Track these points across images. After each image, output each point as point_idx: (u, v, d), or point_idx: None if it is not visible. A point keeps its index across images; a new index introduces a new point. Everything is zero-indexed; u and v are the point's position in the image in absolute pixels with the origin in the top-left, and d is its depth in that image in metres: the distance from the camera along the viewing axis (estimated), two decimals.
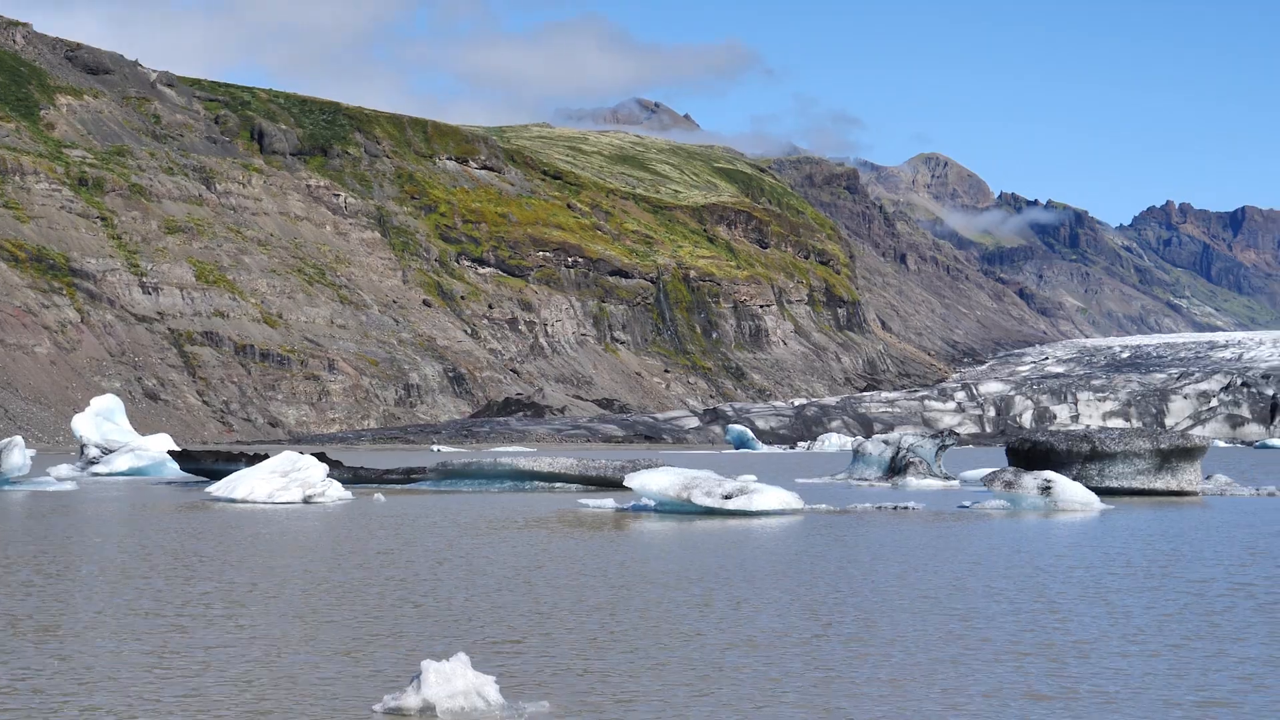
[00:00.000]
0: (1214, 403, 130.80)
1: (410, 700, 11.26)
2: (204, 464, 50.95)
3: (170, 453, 55.24)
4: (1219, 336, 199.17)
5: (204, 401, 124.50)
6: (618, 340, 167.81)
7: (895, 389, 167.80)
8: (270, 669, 13.05)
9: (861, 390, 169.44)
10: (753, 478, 38.41)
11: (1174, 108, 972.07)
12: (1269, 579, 20.30)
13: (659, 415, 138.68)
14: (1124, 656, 13.98)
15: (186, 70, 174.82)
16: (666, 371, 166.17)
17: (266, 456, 42.06)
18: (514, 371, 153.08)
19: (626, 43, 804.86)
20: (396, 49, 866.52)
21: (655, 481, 33.55)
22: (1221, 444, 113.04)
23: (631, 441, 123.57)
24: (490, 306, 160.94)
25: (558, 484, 44.05)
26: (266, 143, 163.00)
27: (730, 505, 32.19)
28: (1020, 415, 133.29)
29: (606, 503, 35.25)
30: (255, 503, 36.55)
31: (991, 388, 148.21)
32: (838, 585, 19.29)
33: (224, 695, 11.89)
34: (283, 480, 37.73)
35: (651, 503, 33.92)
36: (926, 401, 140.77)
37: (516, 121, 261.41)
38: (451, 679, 11.37)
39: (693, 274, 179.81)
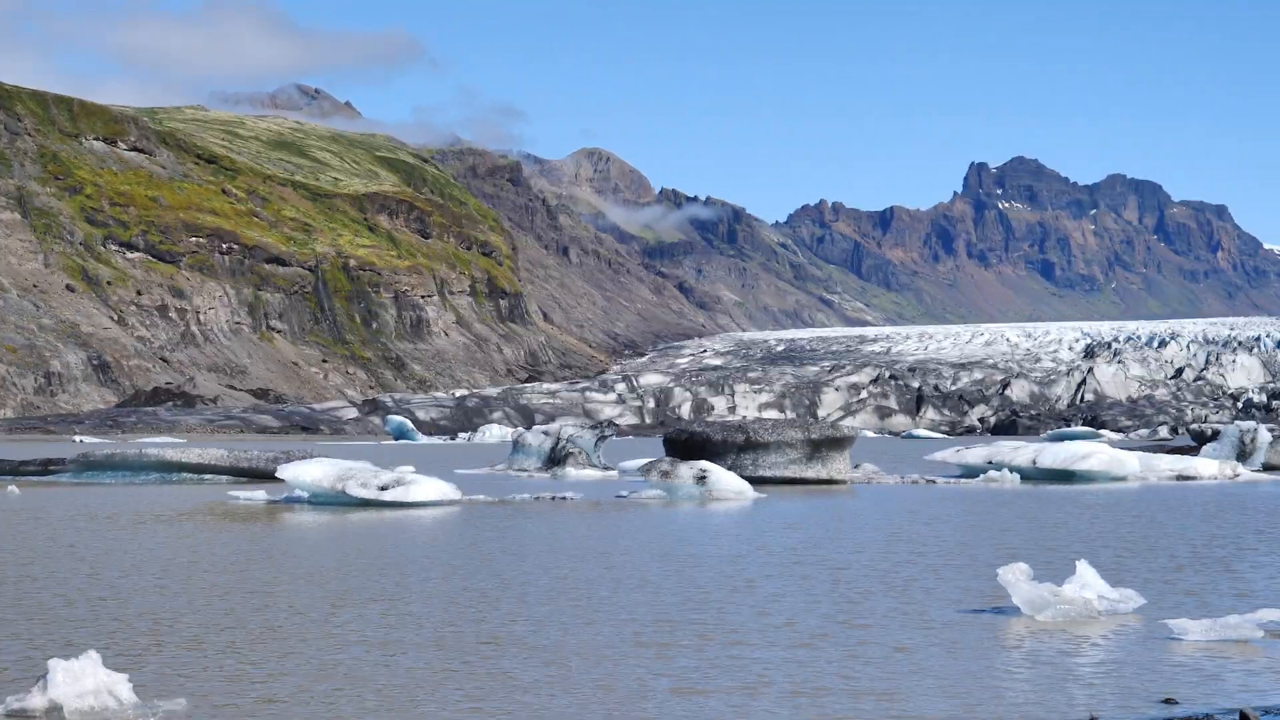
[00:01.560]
0: (864, 394, 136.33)
1: (35, 701, 10.68)
2: None
3: None
4: (869, 331, 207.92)
5: None
6: (274, 329, 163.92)
7: (557, 380, 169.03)
8: None
9: (523, 381, 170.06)
10: (411, 469, 37.84)
11: (828, 110, 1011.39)
12: (907, 563, 21.03)
13: (316, 406, 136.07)
14: (771, 647, 14.14)
15: None
16: (325, 361, 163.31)
17: None
18: (164, 360, 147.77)
19: (287, 26, 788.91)
20: (43, 24, 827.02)
21: (309, 473, 32.69)
22: (870, 434, 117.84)
23: (287, 433, 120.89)
24: (139, 293, 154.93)
25: (207, 476, 42.50)
26: None
27: (386, 497, 31.63)
28: (679, 406, 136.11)
29: (258, 495, 34.14)
30: None
31: (651, 379, 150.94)
32: (487, 577, 19.08)
33: None
34: None
35: (305, 495, 33.02)
36: (588, 393, 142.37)
37: (170, 103, 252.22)
38: (80, 678, 10.82)
39: (352, 263, 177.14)
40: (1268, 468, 49.90)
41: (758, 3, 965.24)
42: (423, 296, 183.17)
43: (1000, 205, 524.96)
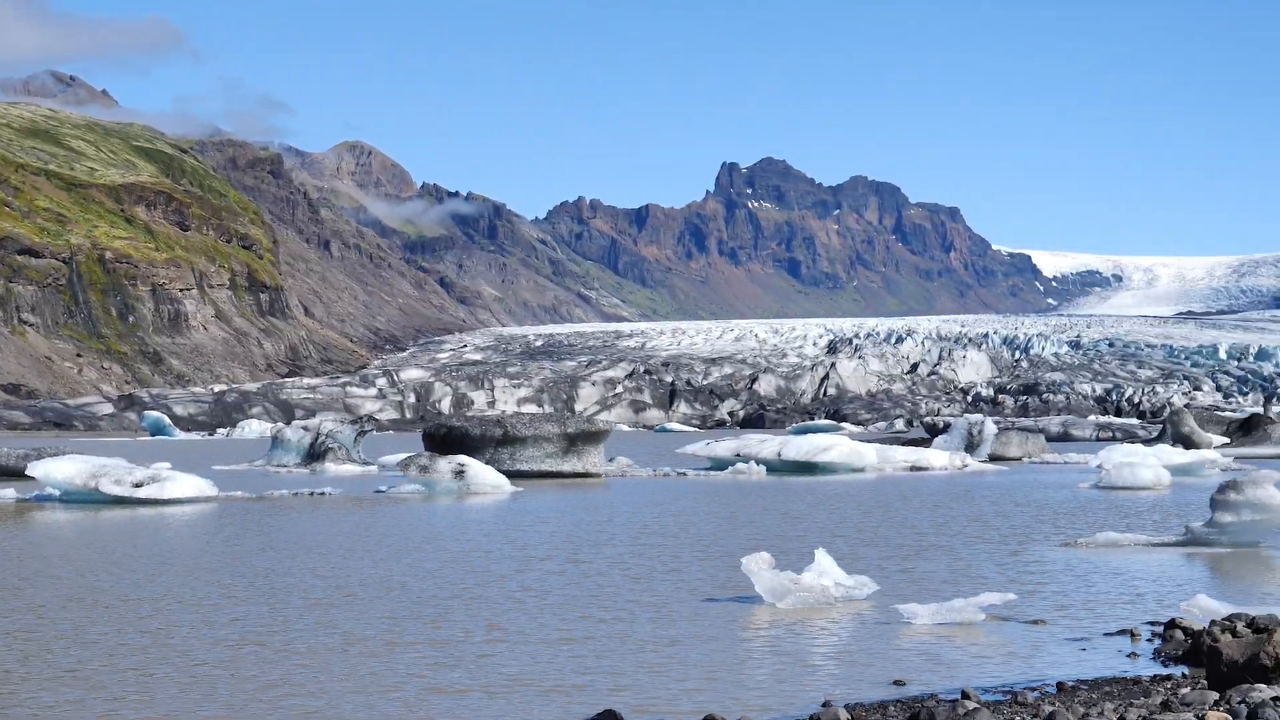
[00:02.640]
0: (619, 389, 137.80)
1: None
2: None
3: None
4: (625, 327, 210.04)
5: None
6: (26, 323, 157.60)
7: (318, 376, 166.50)
8: None
9: (284, 377, 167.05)
10: (167, 465, 37.31)
11: (586, 107, 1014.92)
12: (655, 555, 21.79)
13: (70, 401, 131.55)
14: (525, 643, 14.65)
15: None
16: (79, 356, 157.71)
17: None
18: None
19: (42, 11, 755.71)
20: None
21: (61, 470, 32.09)
22: (626, 428, 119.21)
23: (40, 429, 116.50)
24: None
25: None
26: None
27: (141, 494, 31.24)
28: (440, 401, 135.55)
29: (8, 493, 33.27)
30: None
31: (412, 374, 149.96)
32: (240, 575, 19.14)
33: None
34: None
35: (57, 493, 32.37)
36: (348, 388, 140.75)
37: None
38: None
39: (109, 255, 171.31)
40: (993, 458, 52.37)
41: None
42: (181, 290, 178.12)
43: (750, 205, 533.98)
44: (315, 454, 48.26)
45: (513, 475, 38.71)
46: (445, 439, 42.26)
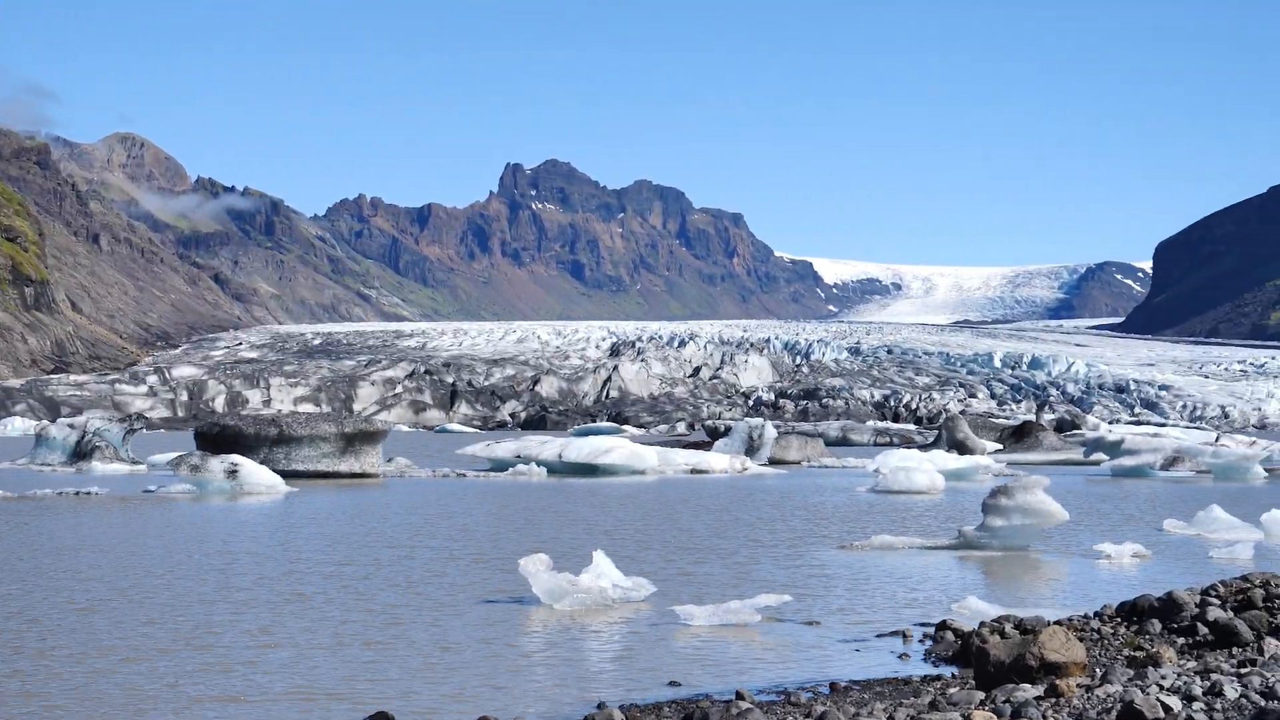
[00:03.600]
0: (399, 389, 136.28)
1: None
2: None
3: None
4: (405, 326, 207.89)
5: None
6: None
7: (86, 372, 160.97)
8: None
9: (49, 373, 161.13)
10: None
11: (367, 103, 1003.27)
12: (432, 556, 21.48)
13: None
14: (293, 646, 14.25)
15: None
16: None
17: None
18: None
19: None
20: None
21: None
22: (405, 428, 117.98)
23: None
24: None
25: None
26: None
27: None
28: (213, 399, 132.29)
29: None
30: None
31: (184, 372, 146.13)
32: None
33: None
34: None
35: None
36: (118, 385, 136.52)
37: None
38: None
39: None
40: (773, 462, 53.10)
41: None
42: None
43: (534, 206, 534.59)
44: (82, 452, 46.64)
45: (288, 475, 37.89)
46: (219, 438, 41.16)
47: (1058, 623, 13.87)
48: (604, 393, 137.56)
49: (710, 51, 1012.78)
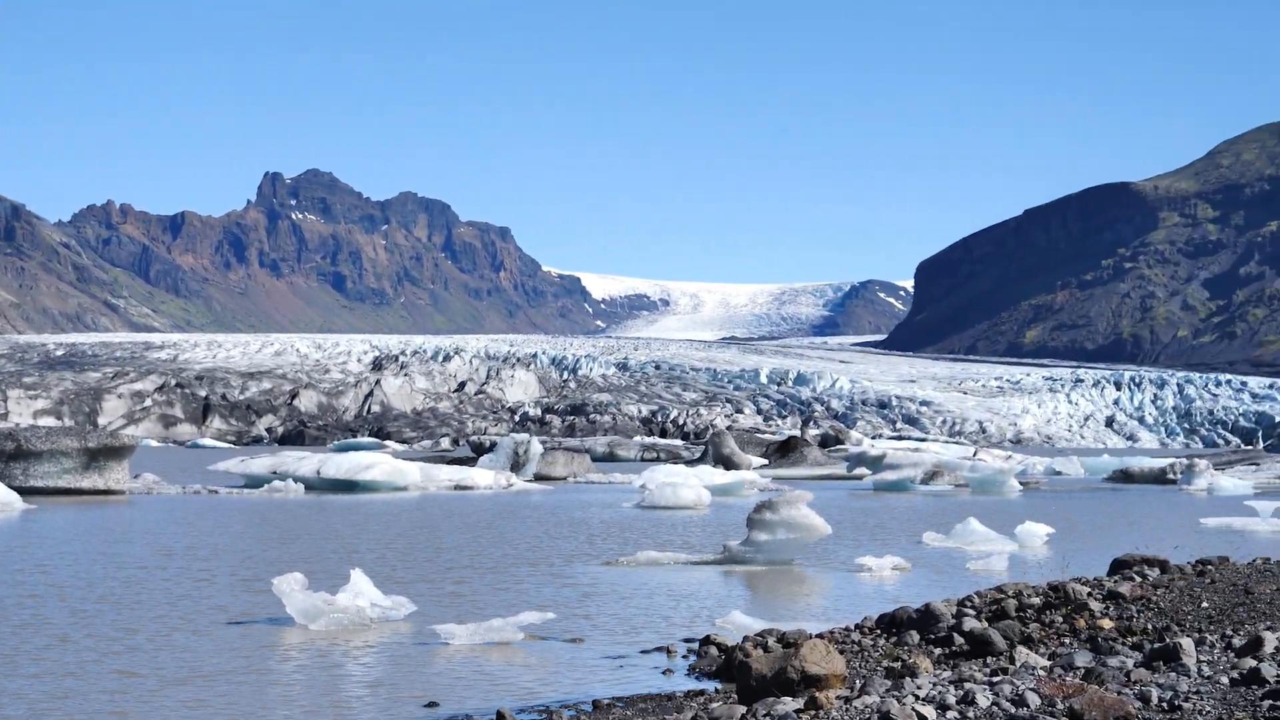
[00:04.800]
0: (148, 403, 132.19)
1: None
2: None
3: None
4: (155, 338, 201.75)
5: None
6: None
7: None
8: None
9: None
10: None
11: (116, 105, 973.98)
12: (180, 576, 20.65)
13: None
14: (32, 678, 13.48)
15: None
16: None
17: None
18: None
19: None
20: None
21: None
22: (154, 443, 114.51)
23: None
24: None
25: None
26: None
27: None
28: None
29: None
30: None
31: None
32: None
33: None
34: None
35: None
36: None
37: None
38: None
39: None
40: (539, 478, 52.92)
41: None
42: None
43: (294, 216, 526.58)
44: None
45: (26, 492, 36.24)
46: None
47: (819, 636, 13.98)
48: (365, 408, 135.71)
49: (477, 62, 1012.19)
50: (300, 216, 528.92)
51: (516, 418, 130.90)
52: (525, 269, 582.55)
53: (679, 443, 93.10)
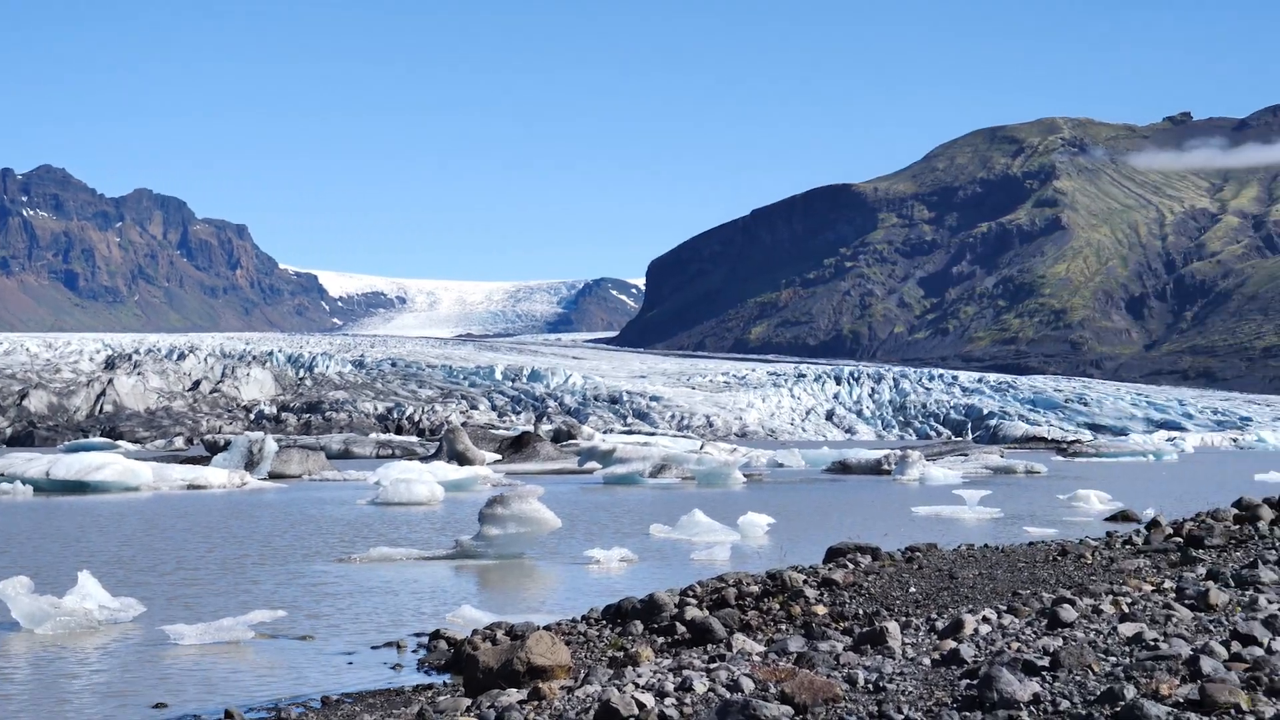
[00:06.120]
0: None
1: None
2: None
3: None
4: None
5: None
6: None
7: None
8: None
9: None
10: None
11: None
12: None
13: None
14: None
15: None
16: None
17: None
18: None
19: None
20: None
21: None
22: None
23: None
24: None
25: None
26: None
27: None
28: None
29: None
30: None
31: None
32: None
33: None
34: None
35: None
36: None
37: None
38: None
39: None
40: (274, 476, 52.17)
41: None
42: None
43: (25, 213, 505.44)
44: None
45: None
46: None
47: (547, 628, 14.28)
48: (98, 407, 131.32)
49: (212, 59, 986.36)
50: (32, 213, 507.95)
51: (252, 416, 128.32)
52: (262, 267, 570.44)
53: (414, 439, 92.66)
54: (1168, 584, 12.83)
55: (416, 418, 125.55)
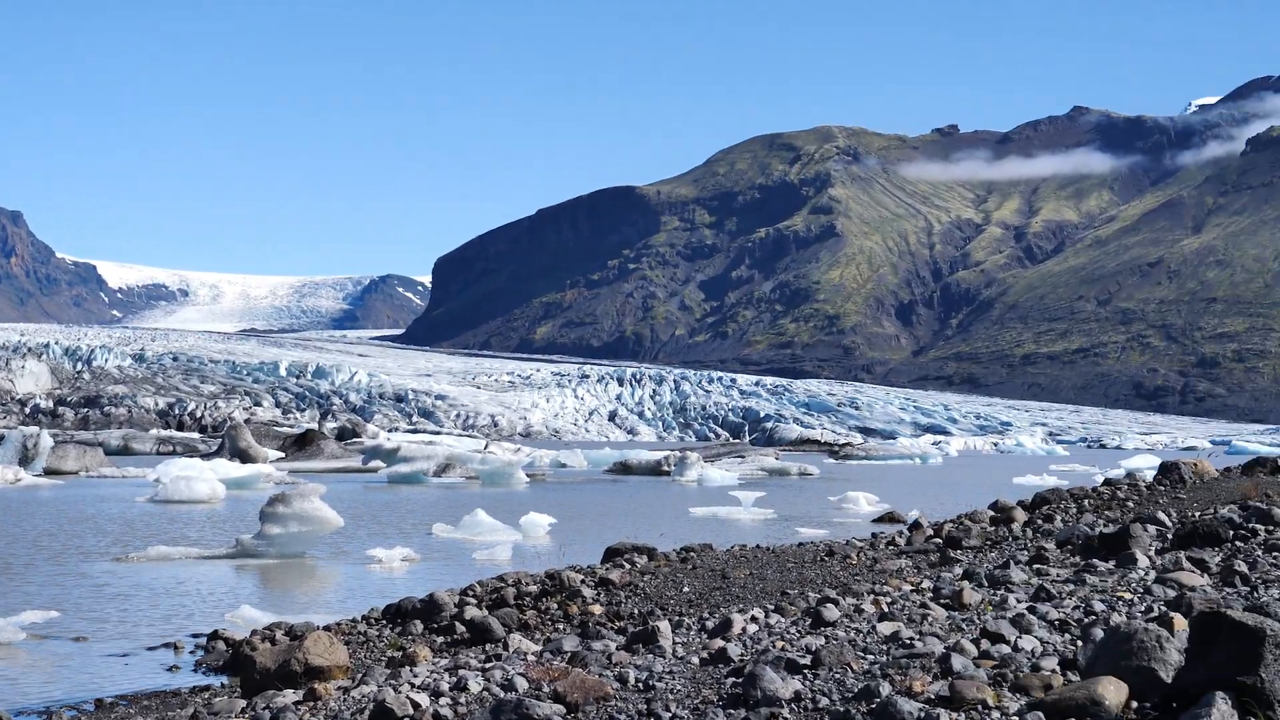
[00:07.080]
0: None
1: None
2: None
3: None
4: None
5: None
6: None
7: None
8: None
9: None
10: None
11: None
12: None
13: None
14: None
15: None
16: None
17: None
18: None
19: None
20: None
21: None
22: None
23: None
24: None
25: None
26: None
27: None
28: None
29: None
30: None
31: None
32: None
33: None
34: None
35: None
36: None
37: None
38: None
39: None
40: (49, 472, 50.78)
41: None
42: None
43: None
44: None
45: None
46: None
47: (326, 628, 14.34)
48: None
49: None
50: None
51: (27, 410, 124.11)
52: (38, 255, 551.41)
53: (196, 436, 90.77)
54: (926, 584, 13.32)
55: (199, 414, 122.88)
